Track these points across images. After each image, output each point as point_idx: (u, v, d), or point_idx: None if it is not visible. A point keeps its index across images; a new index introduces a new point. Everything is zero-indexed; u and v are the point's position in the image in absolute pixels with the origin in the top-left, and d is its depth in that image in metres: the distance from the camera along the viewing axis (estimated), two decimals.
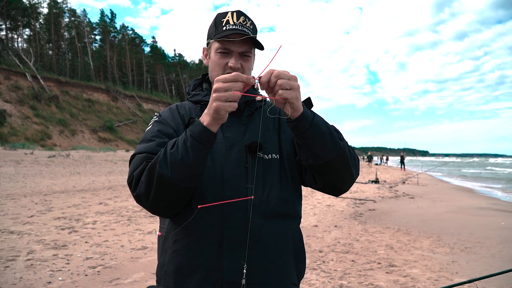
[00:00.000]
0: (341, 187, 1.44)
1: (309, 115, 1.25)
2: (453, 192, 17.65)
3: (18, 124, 43.16)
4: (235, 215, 1.33)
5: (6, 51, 58.97)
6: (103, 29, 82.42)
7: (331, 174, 1.36)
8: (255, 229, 1.33)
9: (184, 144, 1.20)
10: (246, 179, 1.37)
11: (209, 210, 1.31)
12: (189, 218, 1.32)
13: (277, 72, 1.17)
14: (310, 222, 8.48)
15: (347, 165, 1.35)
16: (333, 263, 5.47)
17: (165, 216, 1.41)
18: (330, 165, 1.31)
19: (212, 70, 1.49)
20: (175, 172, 1.21)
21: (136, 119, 66.82)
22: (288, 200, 1.43)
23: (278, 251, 1.39)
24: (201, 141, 1.19)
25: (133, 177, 1.31)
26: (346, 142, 1.38)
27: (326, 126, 1.30)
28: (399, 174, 30.78)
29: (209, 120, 1.19)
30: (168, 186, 1.23)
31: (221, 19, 1.45)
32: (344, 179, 1.40)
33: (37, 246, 5.75)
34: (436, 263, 5.56)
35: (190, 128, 1.22)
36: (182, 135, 1.23)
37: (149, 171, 1.25)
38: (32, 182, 14.51)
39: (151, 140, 1.39)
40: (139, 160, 1.33)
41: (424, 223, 8.78)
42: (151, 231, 6.92)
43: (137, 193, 1.30)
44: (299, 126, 1.23)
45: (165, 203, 1.29)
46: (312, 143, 1.27)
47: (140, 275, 4.72)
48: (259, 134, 1.40)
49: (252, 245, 1.33)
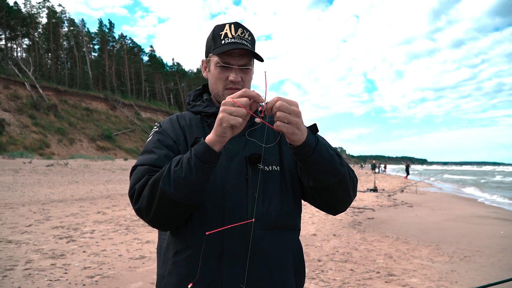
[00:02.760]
0: (338, 208, 1.47)
1: (312, 142, 1.24)
2: (451, 200, 17.64)
3: (16, 133, 43.17)
4: (236, 227, 1.33)
5: (5, 61, 59.18)
6: (101, 38, 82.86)
7: (330, 196, 1.39)
8: (256, 241, 1.34)
9: (188, 162, 1.21)
10: (247, 190, 1.37)
11: (209, 222, 1.33)
12: (189, 231, 1.35)
13: (278, 104, 1.16)
14: (309, 231, 8.46)
15: (346, 188, 1.39)
16: (332, 272, 5.45)
17: (165, 230, 1.42)
18: (330, 189, 1.34)
19: (213, 84, 1.50)
20: (178, 190, 1.22)
21: (134, 128, 66.89)
22: (288, 212, 1.44)
23: (278, 263, 1.40)
24: (205, 160, 1.20)
25: (134, 190, 1.32)
26: (346, 165, 1.40)
27: (328, 152, 1.30)
28: (398, 183, 30.77)
29: (213, 137, 1.20)
30: (170, 203, 1.24)
31: (219, 32, 1.45)
32: (342, 201, 1.43)
33: (35, 255, 5.72)
34: (435, 272, 5.55)
35: (195, 147, 1.23)
36: (187, 154, 1.24)
37: (151, 187, 1.25)
38: (30, 191, 14.46)
39: (152, 152, 1.40)
40: (140, 172, 1.34)
41: (423, 231, 8.77)
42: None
43: (138, 207, 1.31)
44: (301, 153, 1.24)
45: (166, 218, 1.31)
46: (313, 168, 1.29)
47: (138, 285, 4.70)
48: (264, 141, 1.40)
49: (252, 257, 1.33)
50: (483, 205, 15.98)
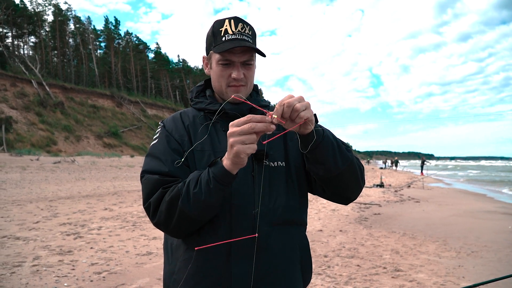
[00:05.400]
0: (350, 196, 1.48)
1: (319, 129, 1.28)
2: (459, 195, 17.55)
3: (24, 131, 43.44)
4: (243, 223, 1.35)
5: (12, 58, 59.51)
6: (107, 36, 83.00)
7: (341, 185, 1.40)
8: (263, 237, 1.35)
9: (207, 185, 1.23)
10: (253, 187, 1.38)
11: (218, 219, 1.35)
12: (198, 228, 1.37)
13: (290, 101, 1.17)
14: (315, 226, 8.45)
15: (356, 175, 1.40)
16: (338, 267, 5.45)
17: (182, 238, 1.43)
18: (340, 177, 1.35)
19: (216, 81, 1.49)
20: (197, 210, 1.27)
21: (140, 125, 67.07)
22: (294, 207, 1.45)
23: (285, 259, 1.41)
24: (223, 183, 1.23)
25: (150, 204, 1.34)
26: (353, 153, 1.41)
27: (335, 139, 1.35)
28: (404, 178, 30.64)
29: (229, 164, 1.21)
30: (189, 220, 1.29)
31: (219, 28, 1.43)
32: (353, 189, 1.45)
33: (42, 252, 5.77)
34: (442, 268, 5.53)
35: (213, 170, 1.24)
36: (205, 175, 1.26)
37: (170, 204, 1.28)
38: (37, 188, 14.58)
39: (159, 158, 1.40)
40: (152, 184, 1.35)
41: (429, 227, 8.73)
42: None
43: (156, 221, 1.35)
44: (312, 141, 1.25)
45: (184, 230, 1.35)
46: (323, 157, 1.29)
47: (145, 281, 4.72)
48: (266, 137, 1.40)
49: (260, 253, 1.34)
50: (491, 200, 15.87)
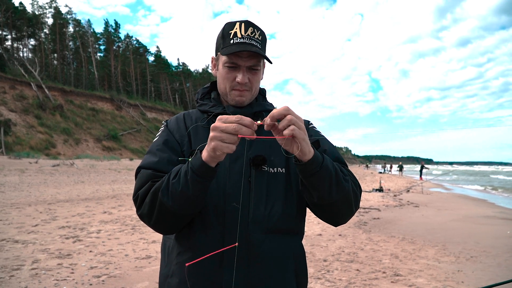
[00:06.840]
0: (339, 221, 1.44)
1: (319, 157, 1.21)
2: (458, 200, 17.54)
3: (22, 133, 43.41)
4: (236, 230, 1.31)
5: (12, 61, 59.53)
6: (107, 39, 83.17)
7: (332, 211, 1.35)
8: (256, 245, 1.33)
9: (185, 176, 1.20)
10: (249, 193, 1.36)
11: (211, 224, 1.33)
12: (191, 233, 1.36)
13: (289, 117, 1.12)
14: (314, 231, 8.45)
15: (350, 204, 1.35)
16: (337, 272, 5.44)
17: (167, 234, 1.43)
18: (334, 205, 1.31)
19: (221, 83, 1.48)
20: (175, 202, 1.22)
21: (140, 128, 67.06)
22: (291, 216, 1.41)
23: (279, 268, 1.37)
24: (201, 175, 1.18)
25: (138, 195, 1.33)
26: (350, 176, 1.38)
27: (333, 167, 1.27)
28: (403, 183, 30.64)
29: (206, 156, 1.16)
30: (169, 213, 1.25)
31: (229, 31, 1.41)
32: (344, 215, 1.40)
33: (41, 255, 5.76)
34: (442, 272, 5.53)
35: (191, 160, 1.20)
36: (185, 166, 1.23)
37: (153, 195, 1.26)
38: (36, 191, 14.56)
39: (155, 154, 1.40)
40: (144, 177, 1.34)
41: (429, 232, 8.73)
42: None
43: (140, 213, 1.33)
44: (308, 169, 1.19)
45: (167, 225, 1.32)
46: (318, 185, 1.24)
47: (144, 284, 4.72)
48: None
49: (252, 261, 1.32)
50: (490, 205, 15.87)
